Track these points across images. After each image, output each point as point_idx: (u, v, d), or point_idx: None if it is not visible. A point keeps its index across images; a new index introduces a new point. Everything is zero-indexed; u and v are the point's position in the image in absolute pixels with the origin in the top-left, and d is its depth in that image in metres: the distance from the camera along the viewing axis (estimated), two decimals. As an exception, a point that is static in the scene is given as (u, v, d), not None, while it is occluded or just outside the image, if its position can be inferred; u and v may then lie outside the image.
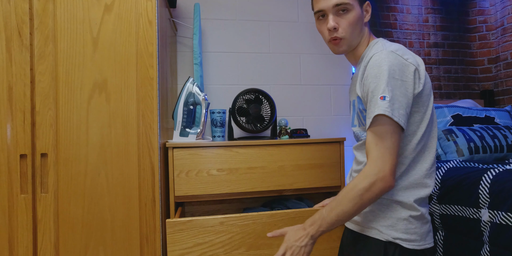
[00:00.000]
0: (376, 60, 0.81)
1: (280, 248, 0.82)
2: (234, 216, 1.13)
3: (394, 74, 0.78)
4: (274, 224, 1.14)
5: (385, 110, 0.76)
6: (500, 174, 1.19)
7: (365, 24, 0.95)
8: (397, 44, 0.89)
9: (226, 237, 1.11)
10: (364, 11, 0.94)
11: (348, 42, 0.92)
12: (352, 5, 0.89)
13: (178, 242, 1.08)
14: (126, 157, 1.16)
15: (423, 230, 0.84)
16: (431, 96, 0.87)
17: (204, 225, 1.10)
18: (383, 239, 0.83)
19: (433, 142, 0.87)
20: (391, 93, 0.77)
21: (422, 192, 0.85)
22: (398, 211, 0.84)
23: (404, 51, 0.85)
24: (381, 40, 0.93)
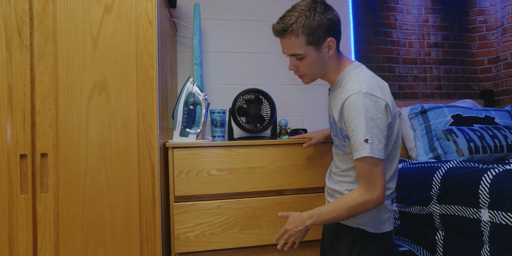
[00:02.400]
0: (353, 103, 0.93)
1: (282, 228, 1.06)
2: (230, 201, 1.31)
3: (371, 115, 0.91)
4: (263, 208, 1.33)
5: (369, 152, 0.91)
6: (500, 174, 1.19)
7: (329, 58, 1.02)
8: (368, 75, 0.98)
9: (223, 218, 1.29)
10: (326, 49, 0.99)
11: (311, 77, 1.05)
12: (306, 53, 0.98)
13: (183, 222, 1.26)
14: (126, 157, 1.16)
15: (385, 217, 1.05)
16: (396, 118, 1.02)
17: (204, 208, 1.28)
18: (353, 226, 1.04)
19: (397, 154, 1.05)
20: (371, 134, 0.91)
21: (386, 192, 1.02)
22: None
23: (376, 87, 0.95)
24: (354, 70, 1.01)
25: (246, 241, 1.31)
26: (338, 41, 1.01)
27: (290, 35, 0.96)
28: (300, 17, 0.94)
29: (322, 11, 0.96)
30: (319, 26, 0.95)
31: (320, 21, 0.95)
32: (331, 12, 0.98)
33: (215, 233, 1.28)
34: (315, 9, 0.95)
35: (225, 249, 1.30)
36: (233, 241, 1.29)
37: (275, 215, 1.34)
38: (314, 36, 0.95)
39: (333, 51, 0.99)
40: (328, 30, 0.96)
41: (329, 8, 0.99)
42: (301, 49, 0.97)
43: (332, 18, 0.97)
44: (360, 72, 1.00)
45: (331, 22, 0.97)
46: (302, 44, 0.96)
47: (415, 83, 2.18)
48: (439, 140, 1.75)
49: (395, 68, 2.15)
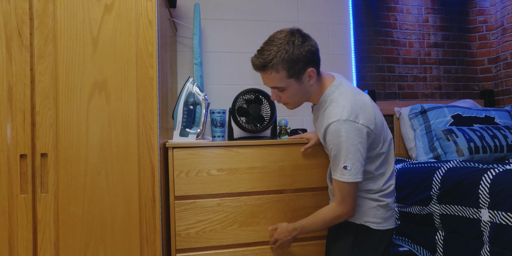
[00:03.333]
0: (334, 131, 0.98)
1: (273, 237, 1.24)
2: (229, 199, 1.32)
3: (352, 141, 0.96)
4: (261, 205, 1.35)
5: (348, 178, 1.00)
6: (500, 174, 1.19)
7: (311, 86, 1.05)
8: (347, 98, 1.01)
9: (222, 215, 1.31)
10: (306, 79, 1.02)
11: (295, 105, 1.09)
12: (286, 85, 1.01)
13: (184, 219, 1.28)
14: (126, 157, 1.16)
15: (387, 215, 1.11)
16: (383, 129, 1.07)
17: (205, 205, 1.30)
18: (357, 222, 1.11)
19: (391, 157, 1.12)
20: (351, 161, 0.98)
21: (385, 191, 1.11)
22: (368, 203, 1.11)
23: (356, 111, 0.99)
24: (334, 93, 1.04)
25: (245, 237, 1.32)
26: (318, 68, 1.05)
27: (270, 70, 0.98)
28: (279, 52, 0.95)
29: (300, 43, 0.97)
30: (298, 60, 0.96)
31: (299, 54, 0.96)
32: (309, 43, 0.99)
33: (215, 230, 1.30)
34: (293, 42, 0.97)
35: (225, 245, 1.31)
36: (232, 238, 1.31)
37: (273, 213, 1.35)
38: (294, 70, 0.97)
39: (314, 79, 1.03)
40: (308, 61, 0.98)
41: (307, 38, 1.00)
42: (283, 83, 1.00)
43: (311, 49, 0.99)
44: (340, 95, 1.03)
45: (310, 53, 0.99)
46: (283, 78, 0.98)
47: (415, 83, 2.18)
48: (439, 140, 1.75)
49: (395, 68, 2.15)
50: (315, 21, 2.02)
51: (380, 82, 2.11)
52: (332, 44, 2.04)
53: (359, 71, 2.08)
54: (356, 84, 2.06)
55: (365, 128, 0.98)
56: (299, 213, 1.37)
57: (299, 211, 1.37)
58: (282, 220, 1.35)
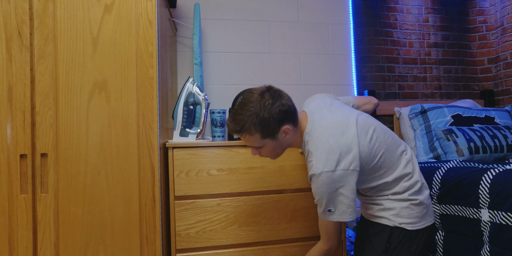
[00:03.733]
0: (314, 182, 0.99)
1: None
2: (229, 199, 1.32)
3: (331, 189, 0.97)
4: (261, 206, 1.35)
5: (333, 218, 1.01)
6: (500, 174, 1.19)
7: (289, 139, 1.05)
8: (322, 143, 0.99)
9: (222, 215, 1.31)
10: (282, 135, 1.02)
11: (276, 156, 1.10)
12: (264, 145, 1.03)
13: (184, 219, 1.28)
14: (126, 157, 1.16)
15: (423, 212, 1.06)
16: (373, 146, 1.02)
17: (205, 205, 1.30)
18: (391, 225, 1.05)
19: (404, 164, 1.07)
20: (334, 204, 0.99)
21: (415, 188, 1.06)
22: (400, 204, 1.05)
23: (334, 159, 0.96)
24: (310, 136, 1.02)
25: (245, 237, 1.32)
26: (293, 120, 1.03)
27: (245, 134, 1.00)
28: (250, 117, 0.97)
29: (271, 105, 0.97)
30: (270, 122, 0.97)
31: (270, 117, 0.97)
32: (280, 102, 0.98)
33: (215, 230, 1.30)
34: (264, 105, 0.97)
35: (225, 245, 1.31)
36: (232, 238, 1.31)
37: (273, 213, 1.35)
38: (267, 131, 0.98)
39: (289, 134, 1.02)
40: (280, 121, 0.99)
41: (277, 97, 0.99)
42: (258, 143, 1.02)
43: (282, 109, 0.98)
44: (313, 144, 1.00)
45: (282, 113, 0.98)
46: (258, 139, 1.00)
47: (415, 83, 2.18)
48: (439, 140, 1.75)
49: (395, 68, 2.15)
50: (315, 21, 2.02)
51: (380, 82, 2.11)
52: (332, 44, 2.04)
53: (359, 71, 2.08)
54: (356, 84, 2.06)
55: (346, 172, 0.97)
56: (299, 213, 1.37)
57: (299, 211, 1.37)
58: (282, 220, 1.35)
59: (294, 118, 1.03)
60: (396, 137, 1.10)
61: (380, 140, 1.04)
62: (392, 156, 1.05)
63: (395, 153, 1.06)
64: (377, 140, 1.03)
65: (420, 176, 1.09)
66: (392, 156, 1.05)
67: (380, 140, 1.04)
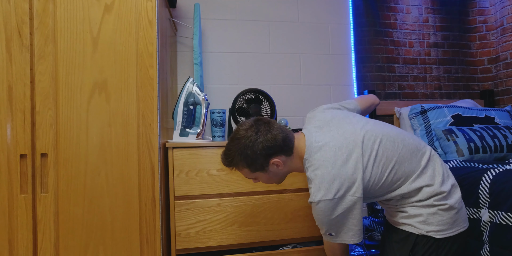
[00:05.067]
0: (313, 210, 0.96)
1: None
2: (229, 199, 1.33)
3: (330, 216, 0.93)
4: (261, 205, 1.35)
5: (335, 241, 0.98)
6: (500, 174, 1.19)
7: (283, 169, 1.02)
8: (322, 170, 0.93)
9: (222, 215, 1.31)
10: (272, 167, 1.00)
11: (279, 182, 1.09)
12: (256, 177, 1.03)
13: (184, 219, 1.29)
14: (126, 157, 1.16)
15: (455, 218, 0.96)
16: (381, 174, 0.96)
17: (205, 205, 1.30)
18: (416, 232, 0.96)
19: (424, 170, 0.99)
20: (335, 229, 0.96)
21: (440, 195, 0.96)
22: (426, 210, 0.96)
23: (333, 187, 0.91)
24: (310, 162, 0.97)
25: (245, 237, 1.32)
26: (285, 151, 0.99)
27: (235, 168, 1.02)
28: (236, 152, 0.97)
29: (254, 140, 0.96)
30: (255, 158, 0.97)
31: (253, 153, 0.96)
32: (263, 137, 0.96)
33: (215, 230, 1.30)
34: (248, 141, 0.96)
35: (225, 245, 1.31)
36: (232, 238, 1.31)
37: (273, 213, 1.35)
38: (255, 166, 0.98)
39: (282, 166, 1.00)
40: (266, 156, 0.97)
41: (263, 131, 0.97)
42: (250, 176, 1.03)
43: (266, 144, 0.96)
44: (312, 172, 0.96)
45: (266, 149, 0.96)
46: (249, 173, 1.01)
47: (415, 83, 2.18)
48: (439, 140, 1.75)
49: (395, 68, 2.15)
50: (315, 21, 2.02)
51: (380, 82, 2.11)
52: (332, 44, 2.04)
53: (359, 71, 2.08)
54: (356, 84, 2.06)
55: (345, 199, 0.92)
56: (299, 213, 1.37)
57: (299, 211, 1.37)
58: (282, 220, 1.35)
59: (285, 149, 0.99)
60: (410, 142, 1.01)
61: (388, 153, 0.96)
62: (406, 166, 0.97)
63: (409, 161, 0.97)
64: (384, 155, 0.96)
65: (442, 176, 0.98)
66: (405, 165, 0.97)
67: (388, 153, 0.96)
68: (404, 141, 1.00)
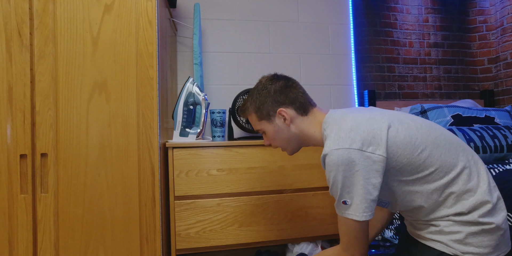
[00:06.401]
0: (326, 166, 0.83)
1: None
2: (229, 199, 1.32)
3: (343, 174, 0.78)
4: (261, 205, 1.34)
5: (350, 214, 0.80)
6: (500, 174, 1.19)
7: (293, 127, 0.96)
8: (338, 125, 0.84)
9: (222, 215, 1.31)
10: (280, 118, 0.96)
11: (287, 149, 1.02)
12: (262, 128, 1.00)
13: (184, 219, 1.28)
14: (126, 157, 1.16)
15: (499, 241, 0.79)
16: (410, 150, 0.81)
17: (204, 205, 1.30)
18: (450, 253, 0.80)
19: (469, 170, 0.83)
20: (349, 195, 0.80)
21: (485, 209, 0.79)
22: (467, 228, 0.79)
23: (346, 136, 0.80)
24: (327, 123, 0.90)
25: (245, 237, 1.32)
26: (297, 107, 0.95)
27: (247, 115, 1.03)
28: (249, 97, 1.01)
29: (265, 85, 0.98)
30: (263, 101, 0.97)
31: (264, 96, 0.97)
32: (274, 83, 0.97)
33: (215, 230, 1.30)
34: (260, 86, 0.99)
35: (225, 245, 1.31)
36: (232, 238, 1.31)
37: (273, 213, 1.35)
38: (261, 112, 0.97)
39: (289, 120, 0.95)
40: (274, 102, 0.96)
41: (274, 79, 0.98)
42: (257, 125, 1.01)
43: (275, 88, 0.96)
44: (328, 127, 0.88)
45: (274, 93, 0.96)
46: (256, 120, 1.00)
47: (415, 83, 2.18)
48: (439, 140, 1.74)
49: (395, 68, 2.15)
50: (315, 21, 2.02)
51: (380, 82, 2.11)
52: (332, 44, 2.04)
53: (359, 71, 2.08)
54: (356, 84, 2.06)
55: (354, 151, 0.78)
56: (299, 213, 1.37)
57: (299, 211, 1.37)
58: (282, 220, 1.35)
59: (298, 104, 0.95)
60: (449, 133, 0.88)
61: (420, 128, 0.84)
62: (442, 153, 0.82)
63: (448, 150, 0.82)
64: (415, 126, 0.84)
65: (490, 192, 0.81)
66: (442, 152, 0.82)
67: (420, 128, 0.84)
68: (441, 129, 0.88)
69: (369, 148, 0.78)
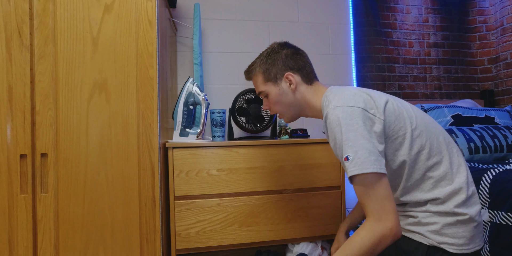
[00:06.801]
0: (328, 123, 0.85)
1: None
2: (229, 199, 1.32)
3: (347, 127, 0.80)
4: (261, 205, 1.35)
5: (353, 170, 0.77)
6: (500, 174, 1.19)
7: (296, 93, 1.01)
8: (340, 91, 0.89)
9: (222, 215, 1.31)
10: (286, 84, 1.00)
11: (285, 115, 1.05)
12: (266, 90, 1.03)
13: (184, 219, 1.28)
14: (126, 157, 1.16)
15: (474, 232, 0.83)
16: (402, 123, 0.85)
17: (205, 205, 1.30)
18: (427, 243, 0.83)
19: (450, 156, 0.87)
20: (352, 149, 0.78)
21: (459, 199, 0.83)
22: (442, 219, 0.83)
23: (348, 98, 0.85)
24: (330, 92, 0.94)
25: (245, 237, 1.32)
26: (304, 75, 1.00)
27: (252, 76, 1.07)
28: (258, 59, 1.05)
29: (277, 49, 1.03)
30: (273, 63, 1.01)
31: (274, 58, 1.01)
32: (286, 48, 1.02)
33: (215, 230, 1.30)
34: (271, 49, 1.03)
35: (225, 245, 1.31)
36: (232, 238, 1.31)
37: (273, 213, 1.35)
38: (269, 73, 1.01)
39: (295, 85, 0.99)
40: (283, 65, 1.00)
41: (285, 45, 1.04)
42: (262, 87, 1.04)
43: (287, 53, 1.01)
44: (330, 94, 0.92)
45: (285, 57, 1.01)
46: (262, 82, 1.03)
47: (415, 83, 2.18)
48: (439, 140, 1.74)
49: (395, 68, 2.15)
50: (315, 21, 2.02)
51: (380, 82, 2.11)
52: (332, 44, 2.04)
53: (359, 71, 2.08)
54: (356, 84, 2.06)
55: (357, 109, 0.81)
56: (299, 213, 1.37)
57: (299, 211, 1.37)
58: (282, 220, 1.35)
59: (304, 72, 1.00)
60: (443, 131, 0.93)
61: (416, 114, 0.89)
62: (433, 139, 0.87)
63: (437, 139, 0.88)
64: (413, 113, 0.89)
65: (467, 184, 0.85)
66: (433, 138, 0.87)
67: (416, 114, 0.89)
68: (434, 120, 0.93)
69: (372, 110, 0.84)
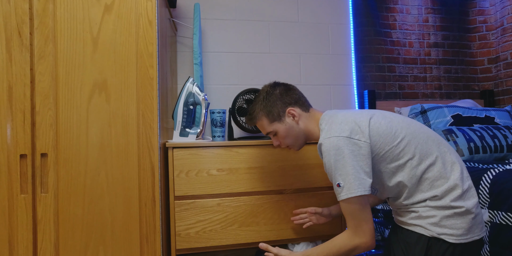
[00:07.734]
0: (322, 151, 0.97)
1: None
2: (229, 199, 1.33)
3: (336, 157, 0.93)
4: (261, 206, 1.35)
5: (342, 195, 0.92)
6: (500, 174, 1.19)
7: (300, 123, 1.11)
8: (336, 118, 1.01)
9: (222, 215, 1.31)
10: (289, 118, 1.10)
11: (295, 145, 1.14)
12: (274, 129, 1.11)
13: (184, 219, 1.28)
14: (126, 157, 1.16)
15: (471, 224, 0.90)
16: (391, 139, 0.95)
17: (204, 205, 1.30)
18: (428, 234, 0.91)
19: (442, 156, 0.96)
20: (342, 176, 0.92)
21: (455, 193, 0.91)
22: (441, 212, 0.91)
23: (336, 128, 0.97)
24: (323, 120, 1.06)
25: (245, 237, 1.32)
26: (301, 105, 1.12)
27: (256, 121, 1.14)
28: (257, 105, 1.13)
29: (271, 91, 1.12)
30: (272, 105, 1.10)
31: (272, 100, 1.10)
32: (278, 88, 1.12)
33: (215, 230, 1.30)
34: (266, 92, 1.12)
35: (225, 245, 1.31)
36: (232, 238, 1.31)
37: (273, 213, 1.35)
38: (272, 114, 1.10)
39: (298, 117, 1.10)
40: (282, 103, 1.10)
41: (276, 85, 1.14)
42: (269, 128, 1.12)
43: (280, 91, 1.11)
44: (331, 118, 1.04)
45: (280, 95, 1.11)
46: (268, 124, 1.12)
47: (415, 83, 2.18)
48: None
49: (395, 68, 2.15)
50: (315, 21, 2.02)
51: (380, 82, 2.11)
52: (332, 44, 2.04)
53: (359, 71, 2.08)
54: (356, 84, 2.06)
55: (343, 139, 0.93)
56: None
57: (299, 211, 1.37)
58: (282, 220, 1.35)
59: (300, 103, 1.11)
60: (429, 129, 1.01)
61: (400, 121, 0.99)
62: (420, 143, 0.95)
63: (425, 141, 0.96)
64: (396, 120, 0.99)
65: (462, 180, 0.93)
66: (419, 142, 0.95)
67: (400, 121, 0.99)
68: (422, 125, 1.02)
69: (357, 136, 0.94)
